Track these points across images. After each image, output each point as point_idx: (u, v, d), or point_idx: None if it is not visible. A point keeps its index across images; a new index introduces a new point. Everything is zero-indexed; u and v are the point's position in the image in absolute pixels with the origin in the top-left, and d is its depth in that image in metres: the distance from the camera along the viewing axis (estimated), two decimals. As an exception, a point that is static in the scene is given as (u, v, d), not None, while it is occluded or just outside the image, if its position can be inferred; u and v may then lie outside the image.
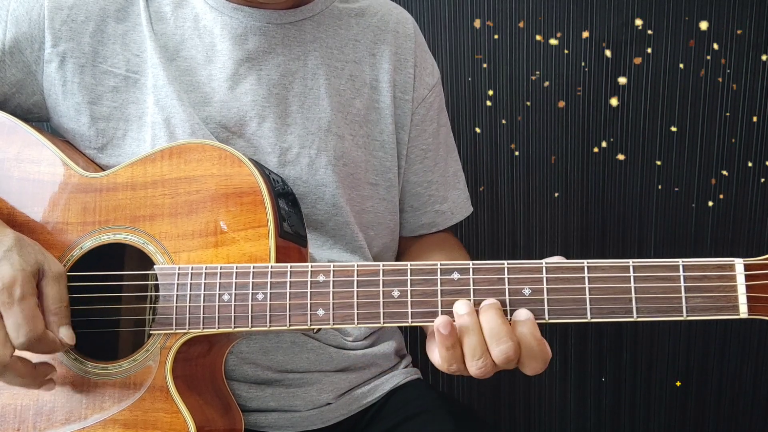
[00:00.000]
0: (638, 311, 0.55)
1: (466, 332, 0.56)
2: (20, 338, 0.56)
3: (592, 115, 1.16)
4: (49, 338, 0.58)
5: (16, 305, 0.56)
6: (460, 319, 0.56)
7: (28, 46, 0.71)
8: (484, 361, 0.55)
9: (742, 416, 1.23)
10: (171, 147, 0.65)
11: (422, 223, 0.84)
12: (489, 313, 0.55)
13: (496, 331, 0.55)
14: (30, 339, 0.56)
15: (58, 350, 0.59)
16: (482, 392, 1.24)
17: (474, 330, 0.55)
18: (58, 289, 0.59)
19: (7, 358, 0.56)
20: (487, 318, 0.55)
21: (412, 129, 0.80)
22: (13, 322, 0.56)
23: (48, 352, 0.59)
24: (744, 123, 1.15)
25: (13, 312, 0.56)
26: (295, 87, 0.74)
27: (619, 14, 1.13)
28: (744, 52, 1.13)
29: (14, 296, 0.56)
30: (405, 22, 0.81)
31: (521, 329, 0.55)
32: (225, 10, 0.72)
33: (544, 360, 0.56)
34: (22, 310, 0.56)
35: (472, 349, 0.55)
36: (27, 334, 0.56)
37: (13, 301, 0.56)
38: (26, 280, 0.57)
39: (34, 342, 0.56)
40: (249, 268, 0.60)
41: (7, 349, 0.56)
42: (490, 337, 0.55)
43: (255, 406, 0.73)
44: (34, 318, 0.56)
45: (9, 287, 0.56)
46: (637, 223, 1.18)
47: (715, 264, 0.55)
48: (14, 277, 0.56)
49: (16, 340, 0.56)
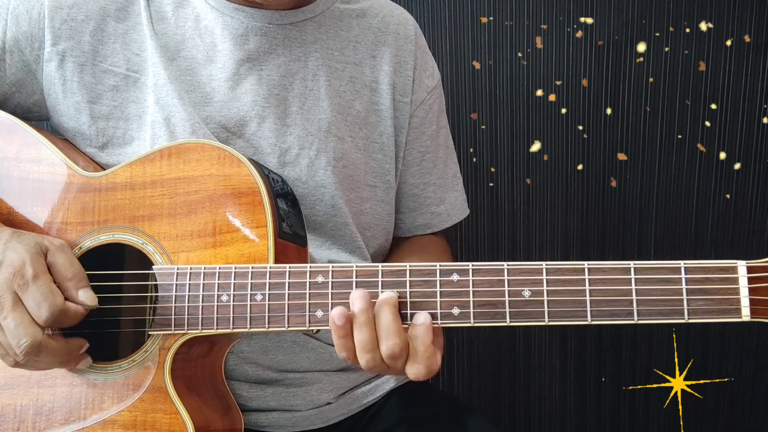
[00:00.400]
0: (639, 313, 0.55)
1: (359, 326, 0.57)
2: (43, 314, 0.56)
3: (593, 115, 1.15)
4: (71, 308, 0.58)
5: (32, 284, 0.57)
6: (357, 312, 0.57)
7: (28, 45, 0.70)
8: (373, 356, 0.56)
9: (742, 416, 1.23)
10: (170, 147, 0.64)
11: (418, 224, 0.84)
12: (384, 309, 0.56)
13: (387, 328, 0.56)
14: (53, 312, 0.57)
15: (82, 316, 0.60)
16: (482, 392, 1.24)
17: (367, 325, 0.56)
18: (65, 256, 0.60)
19: (40, 336, 0.57)
20: (383, 315, 0.56)
21: (410, 131, 0.80)
22: (33, 302, 0.56)
23: (74, 323, 0.59)
24: (744, 124, 1.15)
25: (31, 291, 0.57)
26: (295, 88, 0.74)
27: (620, 14, 1.12)
28: (745, 53, 1.13)
29: (27, 277, 0.57)
30: (406, 24, 0.81)
31: (414, 332, 0.56)
32: (226, 10, 0.72)
33: (429, 368, 0.57)
34: (39, 287, 0.57)
35: (362, 343, 0.56)
36: (49, 308, 0.56)
37: (27, 282, 0.57)
38: (34, 259, 0.58)
39: (58, 314, 0.57)
40: (248, 268, 0.60)
41: (36, 329, 0.57)
42: (381, 332, 0.56)
43: (255, 406, 0.73)
44: (52, 292, 0.57)
45: (20, 269, 0.57)
46: (637, 224, 1.18)
47: (718, 266, 0.55)
48: (22, 259, 0.57)
49: (39, 317, 0.56)
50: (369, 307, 0.57)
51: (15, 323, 0.56)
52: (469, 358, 1.22)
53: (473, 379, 1.23)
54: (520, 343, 1.22)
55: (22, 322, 0.56)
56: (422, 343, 0.56)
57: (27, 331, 0.56)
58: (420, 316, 0.57)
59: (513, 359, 1.22)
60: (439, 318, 0.57)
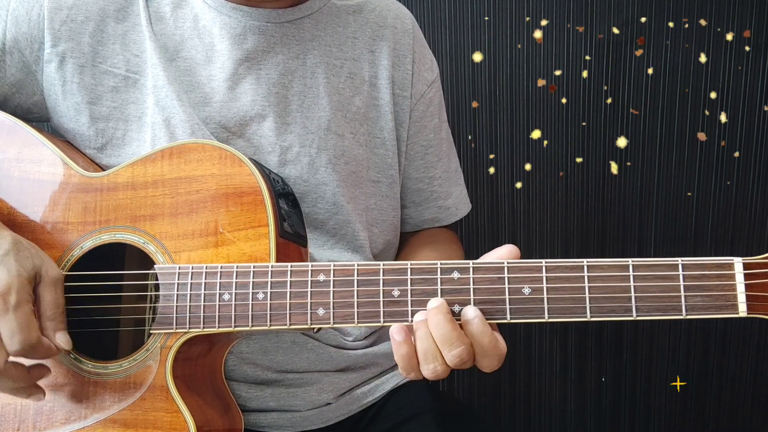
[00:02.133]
0: (638, 310, 0.55)
1: (419, 338, 0.56)
2: (14, 345, 0.56)
3: (593, 116, 1.16)
4: (44, 344, 0.58)
5: (11, 312, 0.56)
6: (414, 325, 0.56)
7: (28, 46, 0.71)
8: (435, 366, 0.56)
9: (742, 416, 1.23)
10: (171, 147, 0.65)
11: (425, 219, 0.85)
12: (437, 318, 0.55)
13: (447, 336, 0.55)
14: (24, 346, 0.56)
15: (53, 355, 0.59)
16: (482, 392, 1.24)
17: (426, 337, 0.56)
18: (54, 294, 0.59)
19: (1, 365, 0.56)
20: (435, 324, 0.55)
21: (412, 125, 0.80)
22: (7, 329, 0.56)
23: (43, 358, 0.59)
24: (744, 123, 1.16)
25: (8, 319, 0.56)
26: (294, 86, 0.74)
27: (620, 12, 1.13)
28: (744, 53, 1.13)
29: (9, 303, 0.56)
30: (403, 18, 0.81)
31: (470, 329, 0.56)
32: (224, 9, 0.72)
33: (499, 357, 0.56)
34: (17, 317, 0.56)
35: (423, 353, 0.56)
36: (21, 342, 0.56)
37: (8, 309, 0.56)
38: (22, 287, 0.57)
39: (28, 349, 0.57)
40: (249, 267, 0.60)
41: (1, 355, 0.56)
42: (442, 342, 0.55)
43: (255, 406, 0.73)
44: (28, 325, 0.56)
45: (4, 294, 0.56)
46: (637, 222, 1.18)
47: (715, 263, 0.55)
48: (10, 284, 0.56)
49: (10, 347, 0.56)
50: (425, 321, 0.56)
51: None
52: (468, 358, 1.21)
53: (473, 379, 1.23)
54: (521, 343, 1.22)
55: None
56: (484, 335, 0.55)
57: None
58: (469, 312, 0.56)
59: (513, 359, 1.22)
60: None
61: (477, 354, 0.56)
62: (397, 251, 0.86)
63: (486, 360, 0.56)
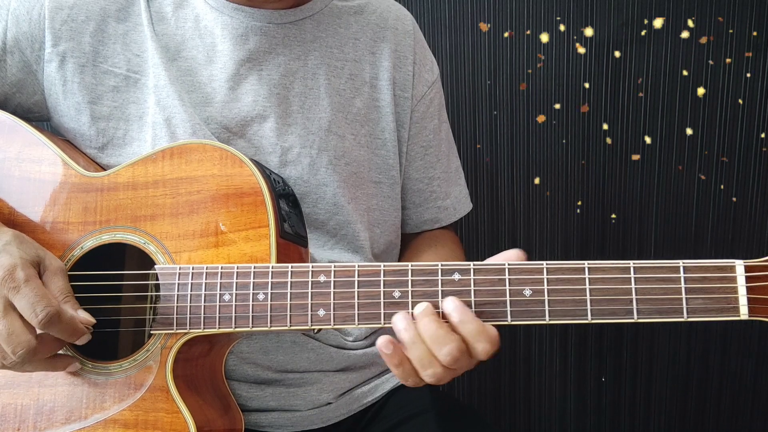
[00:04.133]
0: (639, 312, 0.55)
1: (409, 347, 0.56)
2: (39, 314, 0.55)
3: (593, 116, 1.16)
4: (68, 315, 0.57)
5: (23, 287, 0.55)
6: (401, 334, 0.56)
7: (29, 46, 0.71)
8: (434, 370, 0.55)
9: (742, 416, 1.23)
10: (172, 147, 0.65)
11: (425, 219, 0.85)
12: (424, 320, 0.55)
13: (435, 336, 0.55)
14: (49, 312, 0.55)
15: (80, 332, 0.58)
16: (482, 392, 1.24)
17: (416, 342, 0.55)
18: (62, 282, 0.59)
19: (34, 343, 0.56)
20: (424, 326, 0.55)
21: (412, 126, 0.80)
22: (26, 303, 0.55)
23: (67, 334, 0.58)
24: (745, 124, 1.15)
25: (23, 294, 0.55)
26: (295, 87, 0.74)
27: (620, 13, 1.13)
28: (744, 54, 1.13)
29: (18, 280, 0.55)
30: (404, 19, 0.81)
31: (454, 320, 0.55)
32: (226, 10, 0.72)
33: (491, 340, 0.55)
34: (32, 289, 0.55)
35: (419, 360, 0.55)
36: (45, 309, 0.55)
37: (19, 285, 0.55)
38: (26, 265, 0.57)
39: (54, 316, 0.56)
40: (250, 268, 0.60)
41: (29, 335, 0.55)
42: (432, 343, 0.55)
43: (255, 406, 0.73)
44: (45, 294, 0.56)
45: (11, 272, 0.55)
46: (637, 223, 1.18)
47: (716, 265, 0.55)
48: (13, 263, 0.56)
49: (35, 318, 0.55)
50: (411, 324, 0.56)
51: (8, 331, 0.55)
52: (468, 358, 1.22)
53: (473, 379, 1.23)
54: (521, 343, 1.22)
55: (15, 329, 0.55)
56: (470, 322, 0.55)
57: (20, 339, 0.55)
58: (448, 304, 0.55)
59: (513, 359, 1.22)
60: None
61: (469, 344, 0.55)
62: (399, 253, 0.86)
63: (480, 345, 0.55)
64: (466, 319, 0.55)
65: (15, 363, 0.57)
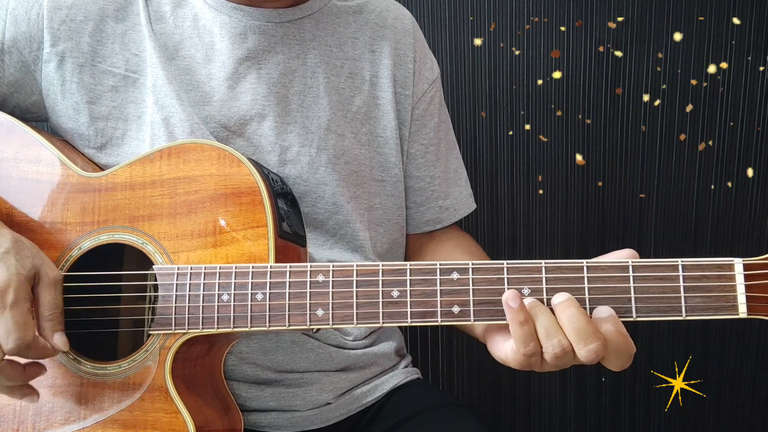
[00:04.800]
0: (637, 311, 0.55)
1: (536, 314, 0.54)
2: (9, 344, 0.55)
3: (593, 116, 1.16)
4: (39, 344, 0.58)
5: (8, 311, 0.55)
6: (527, 300, 0.55)
7: (27, 46, 0.71)
8: (560, 341, 0.53)
9: (742, 416, 1.23)
10: (170, 147, 0.65)
11: (426, 219, 0.84)
12: (570, 311, 0.54)
13: (583, 329, 0.53)
14: (19, 345, 0.56)
15: (49, 355, 0.59)
16: (482, 392, 1.24)
17: (544, 311, 0.54)
18: (53, 295, 0.59)
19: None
20: (569, 316, 0.54)
21: (413, 124, 0.80)
22: (3, 328, 0.55)
23: (39, 358, 0.59)
24: (745, 124, 1.15)
25: (4, 317, 0.55)
26: (294, 85, 0.74)
27: (621, 10, 1.13)
28: (744, 55, 1.13)
29: (6, 301, 0.55)
30: (403, 18, 0.81)
31: (607, 327, 0.54)
32: (224, 9, 0.72)
33: (630, 355, 0.55)
34: (13, 315, 0.55)
35: (545, 328, 0.54)
36: (16, 341, 0.55)
37: (5, 307, 0.55)
38: (20, 285, 0.56)
39: (24, 348, 0.56)
40: (248, 268, 0.60)
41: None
42: (577, 336, 0.53)
43: (255, 406, 0.73)
44: (24, 324, 0.56)
45: (2, 292, 0.55)
46: (637, 222, 1.18)
47: (715, 264, 0.55)
48: (8, 282, 0.56)
49: (5, 346, 0.55)
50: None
51: None
52: (469, 358, 1.22)
53: (473, 378, 1.23)
54: (520, 343, 1.22)
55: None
56: (620, 334, 0.54)
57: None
58: (603, 310, 0.55)
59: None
60: (439, 316, 0.58)
61: (610, 352, 0.54)
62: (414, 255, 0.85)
63: (619, 359, 0.55)
64: (622, 330, 0.54)
65: None
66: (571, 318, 0.53)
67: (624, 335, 0.54)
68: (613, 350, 0.54)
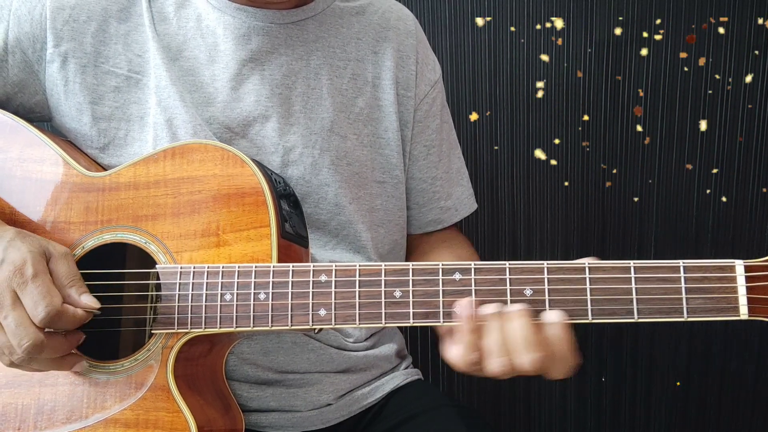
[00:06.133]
0: (639, 312, 0.55)
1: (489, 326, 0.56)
2: (41, 314, 0.56)
3: (593, 115, 1.16)
4: (69, 312, 0.58)
5: (30, 283, 0.56)
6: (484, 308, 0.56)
7: (30, 46, 0.71)
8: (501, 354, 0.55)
9: (742, 416, 1.23)
10: (174, 147, 0.65)
11: (428, 220, 0.85)
12: (520, 320, 0.55)
13: (530, 339, 0.54)
14: (49, 312, 0.56)
15: (81, 320, 0.59)
16: (482, 392, 1.24)
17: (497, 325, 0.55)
18: (67, 265, 0.60)
19: (41, 337, 0.56)
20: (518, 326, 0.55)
21: (415, 125, 0.80)
22: (30, 300, 0.56)
23: (71, 326, 0.59)
24: (745, 124, 1.16)
25: (29, 290, 0.56)
26: (298, 87, 0.74)
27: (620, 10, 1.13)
28: (745, 53, 1.13)
29: (26, 275, 0.56)
30: (406, 19, 0.82)
31: (552, 331, 0.55)
32: (228, 10, 0.72)
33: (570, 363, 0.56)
34: (37, 286, 0.56)
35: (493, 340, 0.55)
36: (46, 308, 0.56)
37: (26, 281, 0.56)
38: (36, 259, 0.57)
39: (54, 316, 0.56)
40: (251, 267, 0.60)
41: (34, 328, 0.56)
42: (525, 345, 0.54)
43: (255, 407, 0.73)
44: (49, 292, 0.57)
45: (20, 268, 0.56)
46: (637, 223, 1.18)
47: (716, 265, 0.55)
48: (24, 258, 0.57)
49: (36, 317, 0.56)
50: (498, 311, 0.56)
51: (15, 323, 0.56)
52: (469, 359, 1.21)
53: (473, 379, 1.23)
54: (520, 343, 1.22)
55: (23, 322, 0.56)
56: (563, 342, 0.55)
57: (28, 332, 0.56)
58: (554, 315, 0.56)
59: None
60: (441, 317, 0.58)
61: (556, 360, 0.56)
62: (409, 255, 0.86)
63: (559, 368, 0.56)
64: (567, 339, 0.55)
65: (22, 359, 0.57)
66: (520, 327, 0.55)
67: (567, 341, 0.56)
68: (555, 355, 0.56)
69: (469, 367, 0.57)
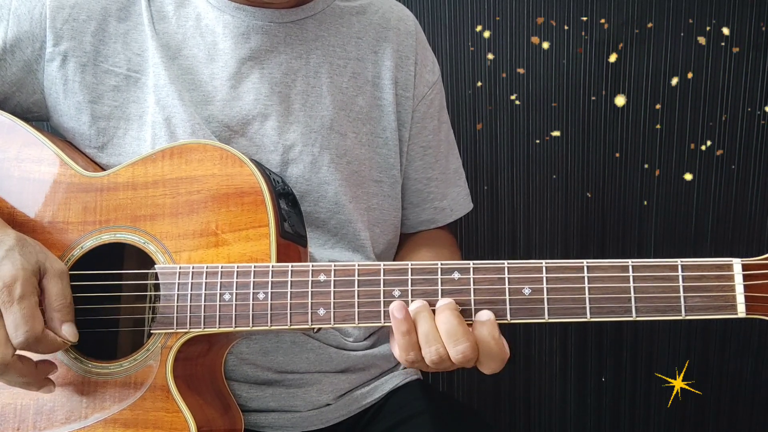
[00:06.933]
0: (637, 311, 0.56)
1: (419, 320, 0.57)
2: (19, 338, 0.56)
3: (593, 115, 1.16)
4: (49, 338, 0.58)
5: (15, 304, 0.56)
6: (413, 308, 0.57)
7: (30, 45, 0.71)
8: (438, 349, 0.56)
9: (742, 416, 1.23)
10: (172, 147, 0.65)
11: (422, 220, 0.85)
12: (444, 314, 0.56)
13: (453, 331, 0.56)
14: (28, 338, 0.56)
15: (59, 348, 0.59)
16: (482, 392, 1.24)
17: (427, 318, 0.57)
18: (60, 286, 0.59)
19: (9, 358, 0.56)
20: (443, 319, 0.56)
21: (413, 126, 0.80)
22: (12, 322, 0.56)
23: (48, 352, 0.59)
24: (745, 124, 1.16)
25: (12, 311, 0.56)
26: (297, 85, 0.74)
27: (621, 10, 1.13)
28: (745, 50, 1.13)
29: (14, 295, 0.56)
30: (406, 19, 0.82)
31: (481, 330, 0.56)
32: (227, 9, 0.73)
33: (502, 360, 0.58)
34: (21, 309, 0.56)
35: (425, 335, 0.57)
36: (25, 334, 0.56)
37: (12, 300, 0.56)
38: (27, 279, 0.57)
39: (33, 342, 0.56)
40: (250, 267, 0.60)
41: (9, 348, 0.56)
42: (448, 337, 0.56)
43: (255, 407, 0.73)
44: (33, 317, 0.56)
45: (9, 286, 0.56)
46: (637, 222, 1.18)
47: (714, 264, 0.55)
48: (15, 276, 0.56)
49: (15, 340, 0.56)
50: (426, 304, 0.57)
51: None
52: (468, 358, 1.22)
53: (473, 379, 1.23)
54: (521, 343, 1.22)
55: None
56: (492, 338, 0.56)
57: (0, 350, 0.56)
58: (483, 314, 0.57)
59: (513, 359, 1.22)
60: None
61: (482, 355, 0.57)
62: (396, 252, 0.86)
63: (491, 362, 0.57)
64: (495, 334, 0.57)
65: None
66: (445, 320, 0.56)
67: (496, 340, 0.57)
68: (484, 353, 0.57)
69: (410, 364, 0.59)
